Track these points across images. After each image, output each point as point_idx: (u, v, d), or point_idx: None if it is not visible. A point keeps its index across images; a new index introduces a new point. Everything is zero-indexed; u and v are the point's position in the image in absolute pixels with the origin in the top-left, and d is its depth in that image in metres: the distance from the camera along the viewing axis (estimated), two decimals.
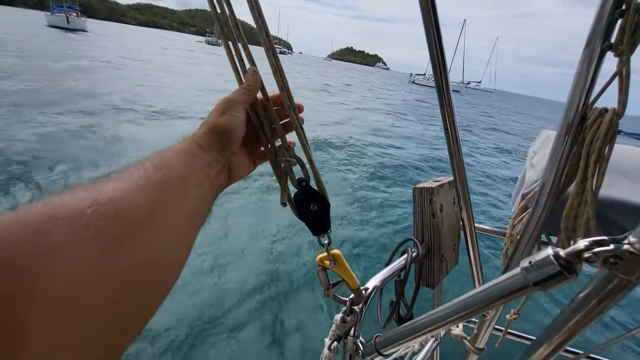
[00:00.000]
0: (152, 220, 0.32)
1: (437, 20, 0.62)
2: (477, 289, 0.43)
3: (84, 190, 0.29)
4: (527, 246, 0.93)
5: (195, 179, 0.41)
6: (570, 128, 0.81)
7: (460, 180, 0.84)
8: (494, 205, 6.68)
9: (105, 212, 0.28)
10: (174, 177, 0.37)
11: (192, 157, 0.42)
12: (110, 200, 0.29)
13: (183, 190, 0.38)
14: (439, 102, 0.73)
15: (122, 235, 0.29)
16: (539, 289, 0.36)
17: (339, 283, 0.63)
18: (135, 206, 0.31)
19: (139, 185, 0.33)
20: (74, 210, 0.26)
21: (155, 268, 0.33)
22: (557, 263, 0.34)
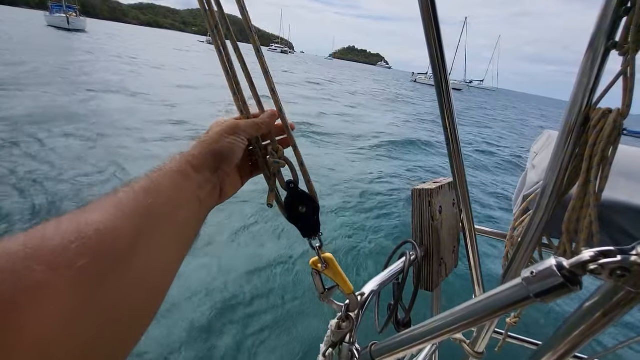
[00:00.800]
0: (137, 249, 0.32)
1: (436, 19, 0.60)
2: (476, 299, 0.41)
3: (70, 221, 0.28)
4: (528, 249, 0.91)
5: (185, 202, 0.40)
6: (572, 129, 0.79)
7: (460, 181, 0.82)
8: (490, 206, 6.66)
9: (89, 247, 0.27)
10: (163, 202, 0.36)
11: (184, 178, 0.41)
12: (96, 232, 0.28)
13: (171, 215, 0.37)
14: (439, 102, 0.71)
15: (105, 270, 0.28)
16: (540, 300, 0.34)
17: (334, 287, 0.62)
18: (121, 236, 0.30)
19: (126, 213, 0.32)
20: (57, 247, 0.26)
21: (138, 300, 0.32)
22: (560, 274, 0.32)
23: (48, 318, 0.23)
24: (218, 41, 0.49)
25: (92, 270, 0.27)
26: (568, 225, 0.84)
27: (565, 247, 0.86)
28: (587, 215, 0.79)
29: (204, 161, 0.44)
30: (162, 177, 0.39)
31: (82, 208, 0.31)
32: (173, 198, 0.38)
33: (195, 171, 0.42)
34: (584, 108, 0.77)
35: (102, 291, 0.27)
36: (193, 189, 0.41)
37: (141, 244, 0.32)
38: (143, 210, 0.34)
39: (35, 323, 0.23)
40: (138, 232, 0.32)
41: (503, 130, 17.94)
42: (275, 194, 0.53)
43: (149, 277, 0.33)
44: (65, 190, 4.57)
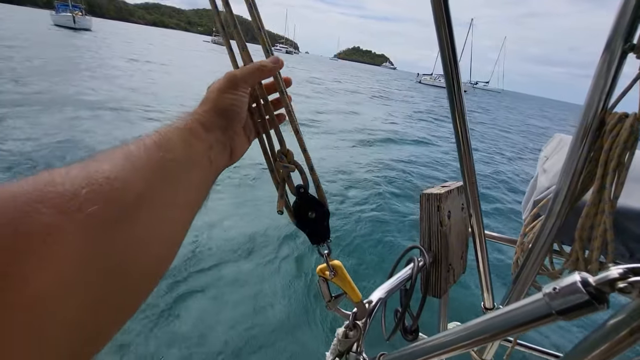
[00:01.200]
0: (147, 202, 0.30)
1: (449, 20, 0.58)
2: (493, 313, 0.39)
3: (80, 168, 0.27)
4: (539, 256, 0.89)
5: (197, 162, 0.39)
6: (587, 133, 0.77)
7: (470, 185, 0.80)
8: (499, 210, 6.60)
9: (100, 193, 0.26)
10: (174, 159, 0.35)
11: (195, 137, 0.39)
12: (106, 179, 0.27)
13: (182, 174, 0.36)
14: (450, 103, 0.69)
15: (115, 219, 0.27)
16: (563, 318, 0.33)
17: (341, 295, 0.60)
18: (131, 187, 0.29)
19: (137, 165, 0.31)
20: (67, 191, 0.24)
21: (146, 254, 0.31)
22: (585, 291, 0.31)
23: (57, 264, 0.22)
24: (229, 41, 0.49)
25: (102, 218, 0.26)
26: (581, 232, 0.81)
27: (578, 255, 0.84)
28: (602, 223, 0.77)
29: (212, 120, 0.42)
30: (172, 132, 0.37)
31: (90, 157, 0.30)
32: (183, 155, 0.37)
33: (205, 130, 0.41)
34: (599, 112, 0.75)
35: (111, 240, 0.26)
36: (204, 148, 0.40)
37: (151, 198, 0.31)
38: (154, 164, 0.33)
39: (43, 269, 0.21)
40: (148, 186, 0.31)
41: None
42: (285, 200, 0.52)
43: (157, 232, 0.32)
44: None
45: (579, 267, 0.85)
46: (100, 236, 0.25)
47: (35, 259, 0.21)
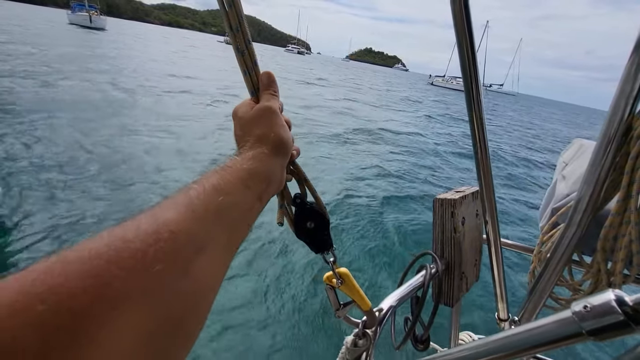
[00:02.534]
0: (203, 253, 0.31)
1: (469, 23, 0.56)
2: (516, 329, 0.37)
3: (149, 220, 0.28)
4: (557, 266, 0.85)
5: (250, 204, 0.39)
6: (612, 139, 0.73)
7: (487, 191, 0.77)
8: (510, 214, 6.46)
9: (165, 250, 0.27)
10: (230, 204, 0.36)
11: (254, 179, 0.39)
12: (172, 234, 0.28)
13: (236, 218, 0.37)
14: (467, 107, 0.67)
15: (179, 274, 0.28)
16: (594, 339, 0.30)
17: (350, 303, 0.58)
18: (193, 239, 0.30)
19: (199, 214, 0.32)
20: (138, 252, 0.25)
21: (198, 305, 0.31)
22: (621, 311, 0.28)
23: (124, 329, 0.23)
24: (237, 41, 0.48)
25: (167, 275, 0.26)
26: (604, 243, 0.78)
27: (600, 266, 0.80)
28: (627, 233, 0.73)
29: (274, 159, 0.43)
30: (232, 175, 0.38)
31: (158, 205, 0.31)
32: (240, 200, 0.37)
33: (265, 169, 0.41)
34: (625, 117, 0.71)
35: (173, 297, 0.27)
36: (259, 190, 0.40)
37: (209, 247, 0.32)
38: (213, 211, 0.33)
39: (110, 337, 0.22)
40: (208, 236, 0.32)
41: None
42: (285, 211, 0.51)
43: (211, 279, 0.33)
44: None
45: (600, 279, 0.81)
46: (163, 293, 0.26)
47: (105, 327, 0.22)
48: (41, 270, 0.21)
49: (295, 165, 0.52)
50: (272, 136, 0.44)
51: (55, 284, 0.21)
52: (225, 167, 0.39)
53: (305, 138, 8.85)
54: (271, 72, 0.50)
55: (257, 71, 0.50)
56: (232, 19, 0.46)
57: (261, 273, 3.61)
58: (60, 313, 0.20)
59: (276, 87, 0.50)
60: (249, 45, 0.48)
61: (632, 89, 0.69)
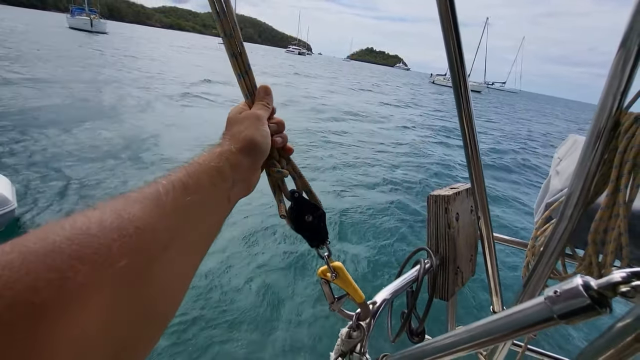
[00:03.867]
0: (173, 250, 0.31)
1: (455, 20, 0.58)
2: (495, 316, 0.39)
3: (113, 214, 0.28)
4: (550, 259, 0.87)
5: (217, 203, 0.40)
6: (601, 134, 0.74)
7: (478, 187, 0.79)
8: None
9: (130, 246, 0.27)
10: (199, 202, 0.36)
11: (221, 177, 0.40)
12: (136, 230, 0.28)
13: (206, 216, 0.37)
14: (457, 105, 0.68)
15: (142, 271, 0.28)
16: (564, 322, 0.32)
17: (344, 296, 0.60)
18: (159, 236, 0.30)
19: (165, 211, 0.32)
20: (101, 247, 0.25)
21: (164, 300, 0.32)
22: (587, 295, 0.30)
23: (88, 322, 0.23)
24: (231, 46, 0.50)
25: (130, 271, 0.26)
26: (594, 236, 0.79)
27: (591, 259, 0.82)
28: (616, 227, 0.75)
29: (242, 157, 0.43)
30: (200, 172, 0.38)
31: (124, 197, 0.31)
32: (208, 199, 0.38)
33: (232, 169, 0.42)
34: (614, 112, 0.72)
35: (137, 292, 0.27)
36: (228, 188, 0.41)
37: (176, 244, 0.32)
38: (180, 209, 0.33)
39: (74, 328, 0.22)
40: (175, 233, 0.32)
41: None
42: (284, 205, 0.53)
43: (177, 276, 0.33)
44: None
45: (592, 272, 0.82)
46: (127, 290, 0.26)
47: (69, 318, 0.22)
48: (1, 262, 0.21)
49: (290, 161, 0.54)
50: (242, 136, 0.45)
51: (13, 279, 0.21)
52: (194, 163, 0.39)
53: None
54: (268, 86, 0.52)
55: (251, 75, 0.52)
56: (225, 25, 0.48)
57: (256, 268, 3.65)
58: (18, 307, 0.20)
59: (270, 100, 0.52)
60: (242, 50, 0.50)
61: (620, 85, 0.70)
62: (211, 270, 3.49)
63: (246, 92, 0.52)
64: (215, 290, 3.24)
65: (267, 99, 0.52)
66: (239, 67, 0.51)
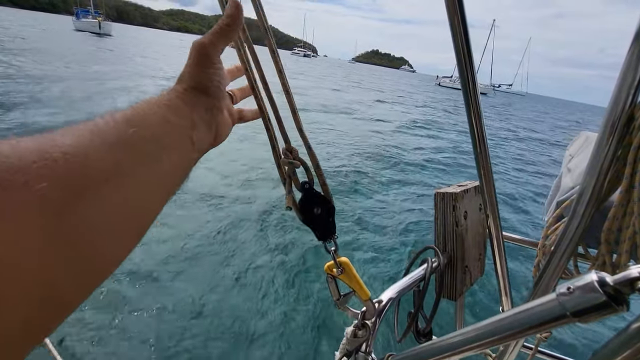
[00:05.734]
0: (113, 183, 0.28)
1: (464, 19, 0.57)
2: (504, 314, 0.37)
3: (34, 140, 0.25)
4: (561, 259, 0.85)
5: (174, 141, 0.35)
6: (614, 129, 0.72)
7: (487, 185, 0.77)
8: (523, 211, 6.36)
9: (54, 169, 0.24)
10: (150, 137, 0.32)
11: (174, 113, 0.36)
12: (63, 154, 0.25)
13: (159, 153, 0.33)
14: (465, 102, 0.67)
15: (71, 200, 0.24)
16: (578, 320, 0.31)
17: (350, 293, 0.59)
18: (94, 165, 0.27)
19: (105, 141, 0.28)
20: (13, 165, 0.22)
21: (108, 239, 0.28)
22: (602, 291, 0.29)
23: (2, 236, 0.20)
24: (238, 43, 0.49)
25: (54, 197, 0.23)
26: (608, 235, 0.77)
27: (605, 259, 0.80)
28: (630, 225, 0.73)
29: (193, 97, 0.38)
30: (148, 108, 0.34)
31: (52, 131, 0.27)
32: (161, 134, 0.34)
33: (187, 107, 0.37)
34: (627, 107, 0.70)
35: (65, 221, 0.24)
36: (186, 126, 0.37)
37: (118, 177, 0.28)
38: (124, 140, 0.30)
39: None
40: (115, 163, 0.28)
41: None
42: (293, 197, 0.52)
43: (123, 214, 0.29)
44: None
45: (605, 271, 0.80)
46: (51, 217, 0.23)
47: None
48: None
49: (311, 152, 0.52)
50: (185, 76, 0.40)
51: None
52: (139, 102, 0.35)
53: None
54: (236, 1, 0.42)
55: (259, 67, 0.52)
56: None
57: (261, 264, 3.66)
58: None
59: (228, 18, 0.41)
60: (248, 43, 0.50)
61: (634, 79, 0.68)
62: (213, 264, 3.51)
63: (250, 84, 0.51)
64: (218, 287, 3.26)
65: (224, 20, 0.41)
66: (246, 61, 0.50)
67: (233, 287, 3.30)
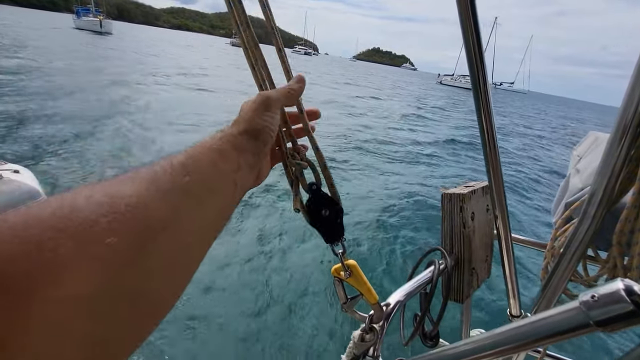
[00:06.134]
0: (170, 231, 0.29)
1: (476, 17, 0.55)
2: (521, 322, 0.36)
3: (103, 192, 0.26)
4: (571, 261, 0.83)
5: (222, 186, 0.37)
6: (627, 130, 0.71)
7: (496, 186, 0.76)
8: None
9: (121, 222, 0.25)
10: (200, 183, 0.34)
11: (223, 159, 0.38)
12: (127, 207, 0.26)
13: (208, 197, 0.35)
14: (475, 102, 0.66)
15: (135, 249, 0.26)
16: (602, 329, 0.29)
17: (357, 297, 0.58)
18: (154, 215, 0.28)
19: (162, 188, 0.30)
20: (87, 221, 0.23)
21: (164, 284, 0.30)
22: (630, 300, 0.27)
23: (69, 297, 0.21)
24: (245, 41, 0.49)
25: (121, 248, 0.25)
26: (620, 237, 0.75)
27: (616, 261, 0.78)
28: None
29: (244, 142, 0.41)
30: (201, 154, 0.36)
31: (116, 178, 0.29)
32: (211, 181, 0.36)
33: (235, 151, 0.39)
34: None
35: (128, 271, 0.25)
36: (232, 170, 0.39)
37: (174, 224, 0.30)
38: (179, 187, 0.31)
39: (52, 302, 0.21)
40: (172, 212, 0.30)
41: None
42: (300, 198, 0.51)
43: (176, 260, 0.31)
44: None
45: (617, 275, 0.78)
46: (116, 268, 0.24)
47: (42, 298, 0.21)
48: None
49: (318, 153, 0.52)
50: (242, 118, 0.43)
51: None
52: (195, 145, 0.37)
53: None
54: (303, 75, 0.50)
55: (265, 67, 0.51)
56: (237, 17, 0.48)
57: (269, 267, 3.65)
58: None
59: (297, 88, 0.49)
60: (256, 42, 0.50)
61: None
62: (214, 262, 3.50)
63: (259, 83, 0.51)
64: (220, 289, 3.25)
65: (293, 86, 0.49)
66: (251, 58, 0.50)
67: (234, 287, 3.30)
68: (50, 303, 0.21)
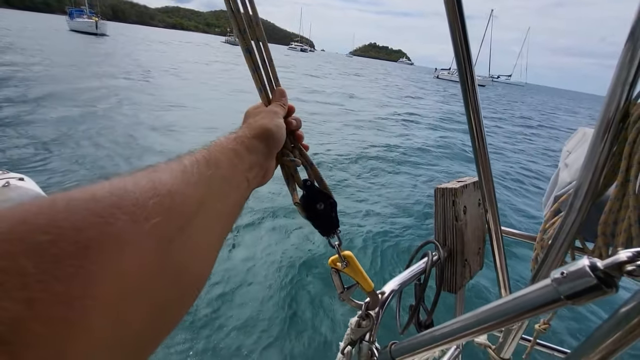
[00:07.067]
0: (201, 216, 0.33)
1: (462, 11, 0.58)
2: (502, 300, 0.39)
3: (147, 179, 0.29)
4: (559, 252, 0.87)
5: (237, 182, 0.42)
6: (610, 125, 0.74)
7: (486, 180, 0.79)
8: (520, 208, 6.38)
9: (164, 205, 0.28)
10: (220, 177, 0.38)
11: (238, 158, 0.43)
12: (169, 192, 0.29)
13: (225, 192, 0.39)
14: (464, 98, 0.69)
15: (174, 231, 0.29)
16: (571, 303, 0.33)
17: (353, 286, 0.61)
18: (188, 201, 0.32)
19: (192, 180, 0.34)
20: (138, 201, 0.26)
21: (199, 262, 0.33)
22: (593, 275, 0.31)
23: (128, 270, 0.23)
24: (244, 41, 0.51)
25: (164, 229, 0.28)
26: (604, 227, 0.79)
27: (601, 251, 0.81)
28: (626, 217, 0.74)
29: (256, 143, 0.46)
30: (219, 152, 0.41)
31: (152, 167, 0.32)
32: (229, 176, 0.40)
33: (248, 152, 0.44)
34: (622, 103, 0.72)
35: (171, 249, 0.28)
36: (245, 169, 0.43)
37: (204, 211, 0.33)
38: (205, 180, 0.35)
39: (115, 274, 0.22)
40: (202, 200, 0.33)
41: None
42: (296, 193, 0.54)
43: (207, 242, 0.35)
44: None
45: None
46: (162, 245, 0.27)
47: (110, 263, 0.22)
48: (45, 204, 0.22)
49: (302, 152, 0.56)
50: (257, 124, 0.48)
51: (59, 218, 0.21)
52: (213, 144, 0.42)
53: None
54: (283, 89, 0.57)
55: (265, 69, 0.54)
56: (239, 21, 0.50)
57: (268, 260, 3.68)
58: (62, 244, 0.20)
59: (286, 101, 0.57)
60: (257, 45, 0.52)
61: (628, 76, 0.70)
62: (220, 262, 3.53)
63: (260, 86, 0.53)
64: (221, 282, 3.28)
65: (282, 100, 0.56)
66: (252, 62, 0.52)
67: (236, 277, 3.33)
68: (112, 270, 0.22)
